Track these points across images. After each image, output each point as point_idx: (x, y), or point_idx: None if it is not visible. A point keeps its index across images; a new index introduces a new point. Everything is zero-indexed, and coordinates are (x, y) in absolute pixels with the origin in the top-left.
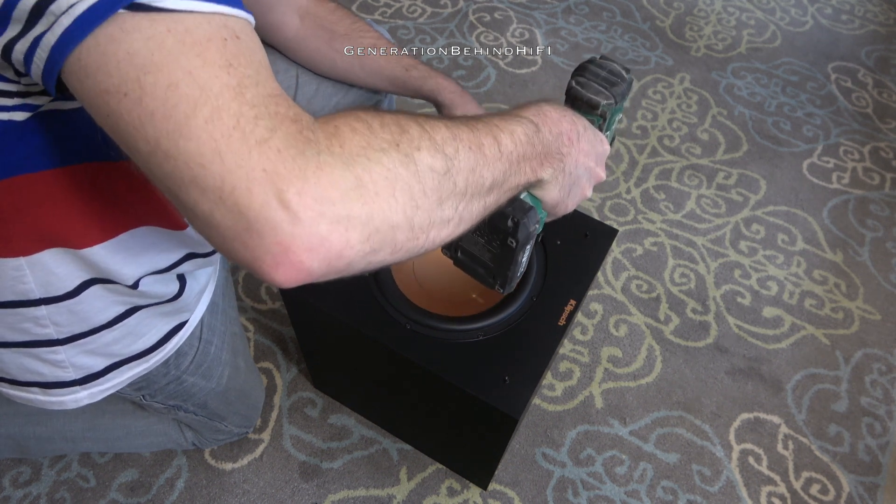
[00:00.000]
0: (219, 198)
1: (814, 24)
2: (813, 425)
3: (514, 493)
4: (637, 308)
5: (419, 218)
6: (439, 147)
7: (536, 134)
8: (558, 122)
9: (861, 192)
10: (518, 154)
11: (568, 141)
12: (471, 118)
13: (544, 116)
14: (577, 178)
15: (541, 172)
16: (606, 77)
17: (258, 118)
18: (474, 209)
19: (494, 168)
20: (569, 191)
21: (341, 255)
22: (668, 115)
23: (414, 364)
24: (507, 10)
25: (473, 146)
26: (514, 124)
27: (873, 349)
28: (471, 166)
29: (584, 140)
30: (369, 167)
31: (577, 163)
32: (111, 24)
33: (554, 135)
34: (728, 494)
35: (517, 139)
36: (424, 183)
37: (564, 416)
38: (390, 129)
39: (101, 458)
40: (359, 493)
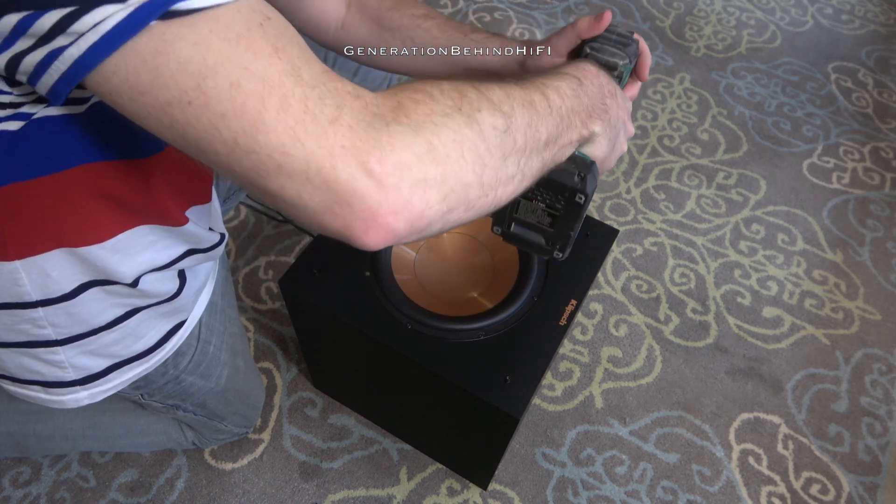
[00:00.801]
0: (306, 179)
1: (814, 24)
2: (813, 425)
3: (514, 493)
4: (637, 308)
5: (488, 175)
6: (497, 106)
7: (580, 87)
8: (597, 75)
9: (861, 192)
10: (567, 108)
11: (609, 93)
12: (518, 79)
13: (585, 71)
14: (618, 132)
15: (591, 125)
16: (618, 40)
17: (322, 97)
18: (534, 165)
19: (548, 122)
20: (613, 145)
21: (422, 215)
22: (668, 115)
23: (415, 364)
24: (507, 10)
25: (526, 103)
26: (558, 80)
27: (873, 349)
28: (527, 122)
29: (620, 97)
30: (437, 132)
31: (618, 116)
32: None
33: (596, 87)
34: (728, 494)
35: (563, 93)
36: (489, 141)
37: (564, 416)
38: (450, 95)
39: (101, 457)
40: (359, 493)
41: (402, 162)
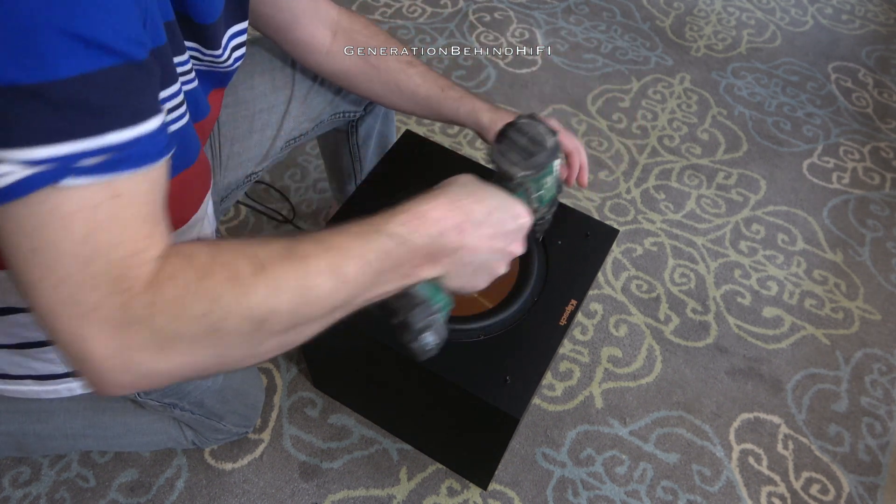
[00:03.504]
0: (51, 334)
1: (814, 24)
2: (813, 425)
3: (513, 493)
4: (637, 308)
5: (227, 362)
6: (253, 311)
7: (401, 246)
8: (439, 221)
9: (861, 192)
10: (373, 272)
11: (458, 235)
12: (321, 241)
13: (419, 221)
14: (481, 264)
15: (424, 273)
16: (525, 146)
17: (95, 288)
18: (307, 331)
19: (332, 299)
20: (472, 276)
21: (143, 388)
22: (668, 115)
23: (415, 363)
24: (507, 10)
25: (298, 293)
26: (366, 246)
27: (873, 349)
28: (293, 309)
29: (487, 226)
30: (177, 345)
31: (477, 250)
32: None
33: (433, 236)
34: (728, 494)
35: (368, 261)
36: (232, 343)
37: (564, 416)
38: (206, 297)
39: (101, 457)
40: (359, 493)
41: (131, 366)
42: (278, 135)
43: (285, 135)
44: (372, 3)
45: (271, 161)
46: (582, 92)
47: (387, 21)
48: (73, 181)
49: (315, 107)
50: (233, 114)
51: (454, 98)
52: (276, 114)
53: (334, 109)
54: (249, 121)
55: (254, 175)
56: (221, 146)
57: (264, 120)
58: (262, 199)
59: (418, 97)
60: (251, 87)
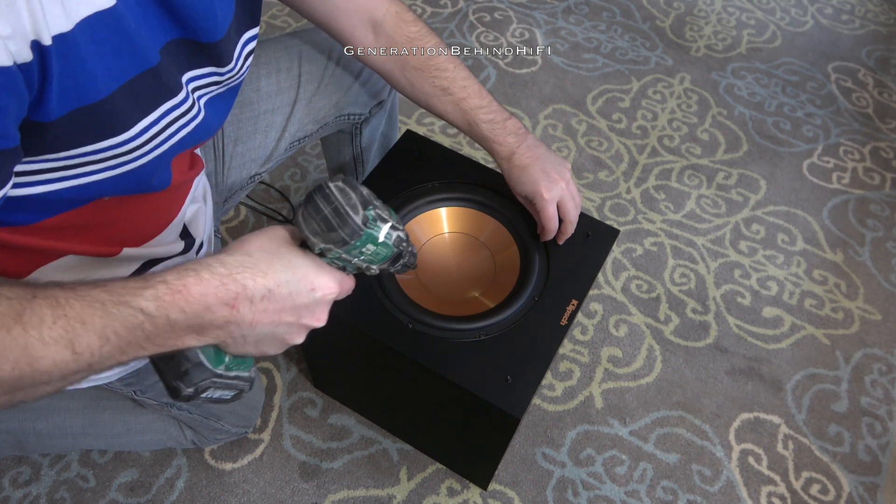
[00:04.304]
0: None
1: (814, 24)
2: (813, 425)
3: (513, 493)
4: (637, 308)
5: None
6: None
7: (149, 321)
8: (203, 296)
9: (861, 192)
10: (116, 346)
11: (228, 310)
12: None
13: (176, 296)
14: (264, 336)
15: (188, 342)
16: (327, 217)
17: None
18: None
19: (64, 368)
20: (254, 346)
21: None
22: (668, 115)
23: (416, 363)
24: (507, 10)
25: (21, 362)
26: (107, 319)
27: (873, 349)
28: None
29: (268, 300)
30: None
31: (256, 324)
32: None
33: (193, 313)
34: (728, 494)
35: (109, 335)
36: None
37: (564, 416)
38: None
39: (101, 457)
40: (359, 493)
41: None
42: (283, 136)
43: (290, 136)
44: None
45: (275, 162)
46: (582, 92)
47: None
48: None
49: (320, 109)
50: (237, 115)
51: (477, 137)
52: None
53: (339, 111)
54: (254, 122)
55: (257, 176)
56: (225, 147)
57: (269, 121)
58: (262, 199)
59: (447, 119)
60: (256, 88)
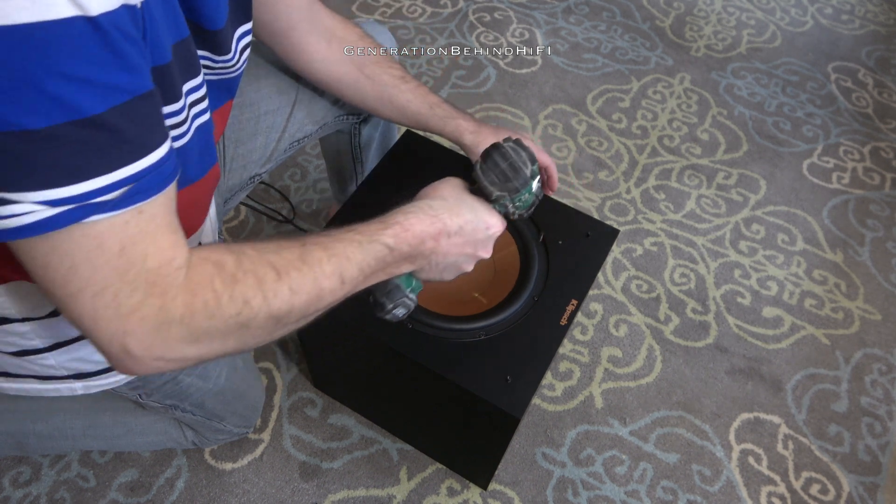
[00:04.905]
0: (92, 334)
1: (814, 24)
2: (813, 425)
3: (513, 493)
4: (637, 308)
5: (246, 347)
6: (277, 310)
7: (390, 253)
8: (421, 233)
9: (861, 192)
10: (365, 275)
11: (434, 243)
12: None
13: (406, 232)
14: (450, 264)
15: (402, 270)
16: (504, 171)
17: (134, 292)
18: (310, 320)
19: (334, 296)
20: (440, 272)
21: (170, 370)
22: (668, 115)
23: (416, 363)
24: (507, 10)
25: (312, 294)
26: (366, 252)
27: (873, 349)
28: (306, 307)
29: (459, 235)
30: (209, 338)
31: (447, 255)
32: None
33: (413, 245)
34: (728, 494)
35: (365, 266)
36: (256, 334)
37: (564, 416)
38: (238, 300)
39: (101, 457)
40: (359, 493)
41: (168, 355)
42: (283, 136)
43: (289, 136)
44: (372, 3)
45: (275, 162)
46: (582, 92)
47: (387, 21)
48: (96, 217)
49: (320, 109)
50: (238, 116)
51: (441, 116)
52: (280, 116)
53: (339, 111)
54: (254, 123)
55: (257, 176)
56: (226, 148)
57: (269, 122)
58: (262, 199)
59: (408, 112)
60: (257, 89)
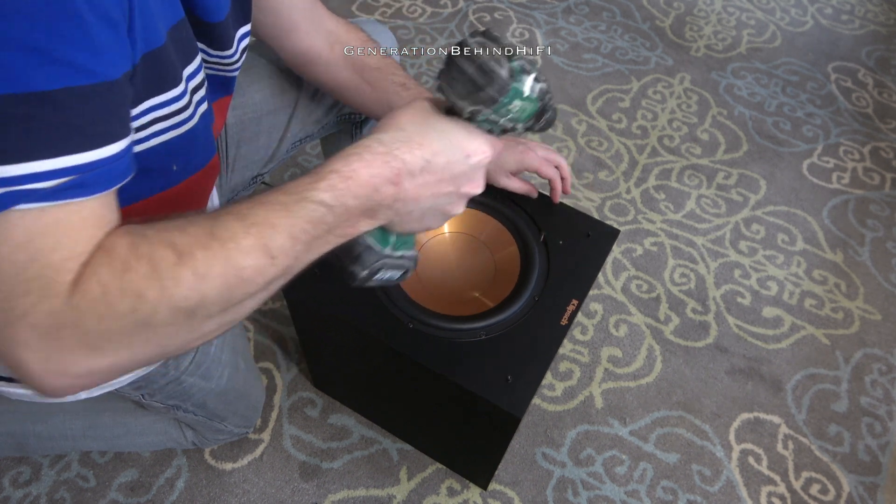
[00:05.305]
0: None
1: (814, 24)
2: (813, 425)
3: (513, 493)
4: (637, 308)
5: (167, 351)
6: (181, 302)
7: (330, 211)
8: (371, 178)
9: (861, 192)
10: (304, 242)
11: (392, 188)
12: (244, 217)
13: (348, 182)
14: (427, 209)
15: (362, 228)
16: (472, 77)
17: (27, 293)
18: (248, 306)
19: (265, 275)
20: (418, 221)
21: (84, 388)
22: (668, 115)
23: (416, 363)
24: (507, 10)
25: (229, 276)
26: (293, 218)
27: (873, 349)
28: (223, 293)
29: (428, 172)
30: (108, 343)
31: (419, 199)
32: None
33: (364, 196)
34: (728, 494)
35: (298, 232)
36: (168, 334)
37: (564, 416)
38: (130, 293)
39: (101, 457)
40: (359, 493)
41: (61, 370)
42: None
43: (292, 136)
44: (372, 3)
45: (277, 162)
46: (582, 92)
47: (387, 21)
48: (23, 206)
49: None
50: (240, 116)
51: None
52: (283, 116)
53: (340, 111)
54: (257, 123)
55: (260, 176)
56: (228, 148)
57: (271, 122)
58: None
59: None
60: (259, 89)
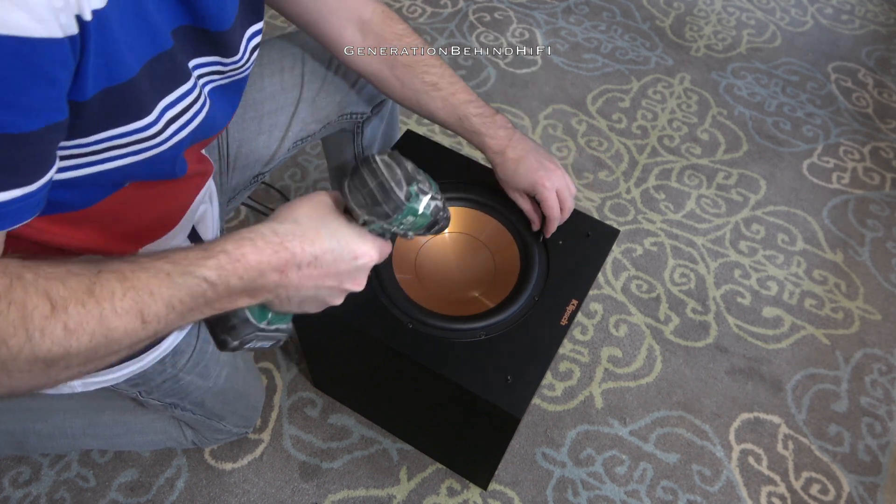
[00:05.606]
0: None
1: (814, 24)
2: (813, 425)
3: (513, 493)
4: (637, 308)
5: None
6: (44, 353)
7: (212, 288)
8: (259, 264)
9: (861, 192)
10: (179, 312)
11: (279, 275)
12: (125, 279)
13: (236, 265)
14: (307, 298)
15: (240, 304)
16: (372, 191)
17: None
18: (108, 361)
19: (134, 337)
20: (297, 306)
21: None
22: (668, 115)
23: (416, 363)
24: (507, 10)
25: (98, 335)
26: (177, 287)
27: (873, 349)
28: (90, 349)
29: (314, 266)
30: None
31: (301, 287)
32: None
33: (248, 279)
34: (728, 494)
35: (176, 303)
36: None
37: (564, 416)
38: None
39: (101, 457)
40: (359, 493)
41: None
42: (286, 136)
43: (293, 136)
44: None
45: (278, 162)
46: (582, 92)
47: None
48: None
49: (323, 108)
50: (241, 115)
51: (469, 131)
52: (284, 115)
53: (342, 110)
54: (258, 122)
55: (261, 176)
56: (229, 148)
57: (273, 121)
58: (262, 199)
59: (436, 119)
60: (260, 88)
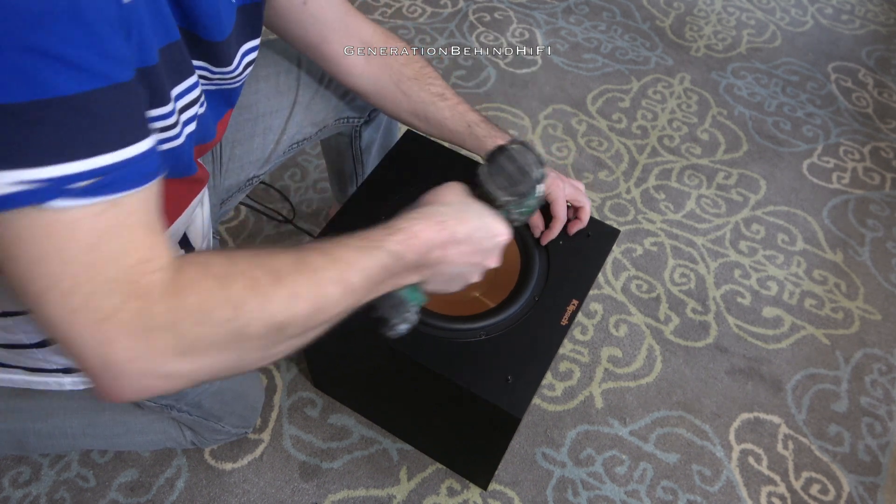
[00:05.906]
0: (64, 342)
1: (814, 24)
2: (813, 425)
3: (513, 493)
4: (637, 308)
5: (244, 365)
6: (274, 317)
7: (397, 261)
8: (428, 240)
9: (861, 192)
10: (372, 283)
11: (441, 251)
12: (327, 253)
13: (412, 239)
14: (457, 274)
15: (408, 280)
16: (511, 174)
17: (110, 294)
18: (314, 334)
19: (338, 306)
20: (447, 283)
21: (159, 391)
22: (668, 115)
23: (416, 363)
24: (507, 10)
25: (314, 301)
26: (370, 259)
27: (873, 349)
28: (308, 315)
29: (466, 244)
30: (201, 349)
31: (454, 264)
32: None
33: (420, 254)
34: (728, 494)
35: (369, 274)
36: (255, 346)
37: (564, 416)
38: (229, 304)
39: (101, 457)
40: (359, 493)
41: (152, 369)
42: (281, 139)
43: (288, 139)
44: (372, 3)
45: (273, 164)
46: (582, 92)
47: (387, 21)
48: (64, 203)
49: (319, 111)
50: (236, 117)
51: (479, 136)
52: (279, 118)
53: (338, 114)
54: (252, 124)
55: (255, 178)
56: (223, 149)
57: (267, 124)
58: (262, 199)
59: (444, 129)
60: (255, 90)
